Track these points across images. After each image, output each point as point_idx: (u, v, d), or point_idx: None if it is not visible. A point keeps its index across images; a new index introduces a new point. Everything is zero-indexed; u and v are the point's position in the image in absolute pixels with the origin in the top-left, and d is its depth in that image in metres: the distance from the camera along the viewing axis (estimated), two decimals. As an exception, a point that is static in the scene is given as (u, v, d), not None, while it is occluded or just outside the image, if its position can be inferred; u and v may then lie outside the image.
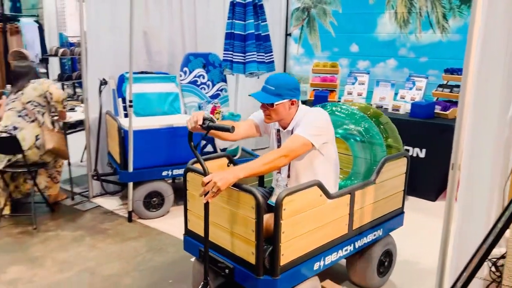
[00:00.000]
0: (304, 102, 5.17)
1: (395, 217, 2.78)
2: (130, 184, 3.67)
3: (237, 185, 2.05)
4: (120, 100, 3.97)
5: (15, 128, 3.58)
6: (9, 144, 3.53)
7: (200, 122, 2.13)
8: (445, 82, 4.63)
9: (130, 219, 3.73)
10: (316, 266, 2.27)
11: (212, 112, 4.04)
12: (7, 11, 6.43)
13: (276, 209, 1.99)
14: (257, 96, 2.24)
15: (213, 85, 4.49)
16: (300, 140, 2.18)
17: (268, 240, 2.05)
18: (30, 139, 3.59)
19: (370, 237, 2.59)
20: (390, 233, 2.81)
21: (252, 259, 2.05)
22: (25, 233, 3.50)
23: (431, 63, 4.95)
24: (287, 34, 6.10)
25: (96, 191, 4.19)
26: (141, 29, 4.34)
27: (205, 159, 2.29)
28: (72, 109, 4.40)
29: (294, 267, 2.14)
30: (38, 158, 3.66)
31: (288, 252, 2.09)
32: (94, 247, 3.30)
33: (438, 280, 2.00)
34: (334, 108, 2.85)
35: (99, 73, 3.97)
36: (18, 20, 5.17)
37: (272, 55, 4.36)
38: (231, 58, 4.22)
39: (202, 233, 2.21)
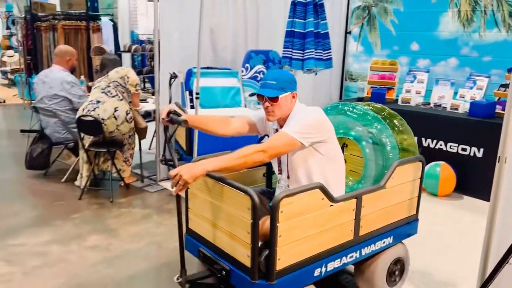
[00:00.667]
0: (361, 99, 5.32)
1: (407, 224, 2.61)
2: (194, 170, 4.00)
3: (234, 185, 2.00)
4: (187, 92, 4.33)
5: (98, 102, 4.05)
6: (93, 126, 4.02)
7: (163, 116, 2.20)
8: (508, 82, 4.55)
9: (192, 202, 4.07)
10: (317, 273, 2.15)
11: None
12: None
13: (272, 211, 1.91)
14: (263, 91, 2.17)
15: (273, 81, 4.73)
16: (283, 137, 2.09)
17: (267, 243, 1.97)
18: (109, 110, 4.05)
19: (378, 245, 2.45)
20: (403, 241, 2.65)
21: (247, 262, 1.97)
22: (102, 207, 3.93)
23: (494, 63, 4.85)
24: (347, 32, 6.19)
25: (162, 175, 4.58)
26: (208, 27, 4.66)
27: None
28: (144, 100, 4.82)
29: (292, 273, 2.04)
30: (115, 128, 4.09)
31: (285, 257, 1.99)
32: (161, 224, 3.66)
33: (481, 270, 2.09)
34: (346, 108, 2.76)
35: (169, 67, 4.34)
36: (100, 19, 5.71)
37: (330, 52, 4.51)
38: (290, 55, 4.43)
39: (202, 233, 2.23)
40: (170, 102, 4.42)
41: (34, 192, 4.25)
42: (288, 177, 2.29)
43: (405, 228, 2.61)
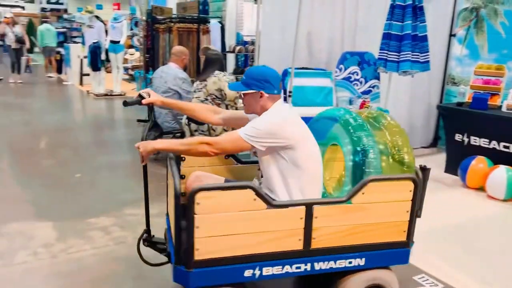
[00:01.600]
0: (461, 104, 5.13)
1: (392, 250, 2.30)
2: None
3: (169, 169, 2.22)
4: (282, 91, 4.61)
5: None
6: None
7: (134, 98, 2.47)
8: None
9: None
10: (248, 273, 2.09)
11: (361, 106, 4.37)
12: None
13: (189, 201, 1.92)
14: (231, 84, 2.30)
15: (366, 82, 4.81)
16: (233, 135, 2.11)
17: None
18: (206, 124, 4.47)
19: (341, 263, 2.22)
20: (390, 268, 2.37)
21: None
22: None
23: None
24: (451, 35, 5.97)
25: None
26: (305, 29, 4.90)
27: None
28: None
29: (215, 266, 2.03)
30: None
31: (205, 249, 1.99)
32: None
33: None
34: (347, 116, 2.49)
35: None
36: (209, 22, 6.28)
37: (428, 55, 4.46)
38: (385, 57, 4.48)
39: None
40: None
41: (152, 174, 4.85)
42: (262, 176, 2.31)
43: (387, 253, 2.30)
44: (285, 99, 4.55)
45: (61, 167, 4.97)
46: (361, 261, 2.25)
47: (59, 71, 12.83)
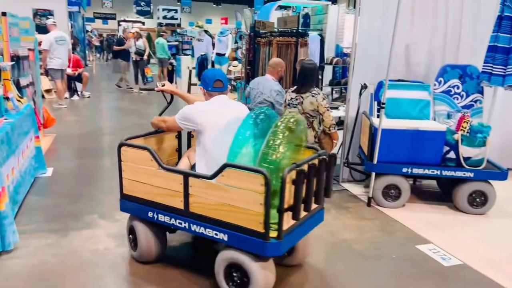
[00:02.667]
0: None
1: (252, 238, 2.46)
2: (373, 174, 4.30)
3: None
4: (375, 102, 4.64)
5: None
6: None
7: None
8: None
9: (369, 204, 4.36)
10: (150, 214, 2.87)
11: (460, 121, 4.21)
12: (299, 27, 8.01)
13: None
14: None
15: (467, 96, 4.63)
16: (173, 118, 2.98)
17: None
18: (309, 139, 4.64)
19: (209, 232, 2.63)
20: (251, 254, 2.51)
21: None
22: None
23: None
24: None
25: (345, 177, 5.01)
26: (404, 42, 4.87)
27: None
28: (335, 108, 5.33)
29: (133, 202, 2.94)
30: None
31: (128, 186, 2.95)
32: (337, 218, 4.08)
33: None
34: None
35: (362, 78, 4.73)
36: (308, 35, 6.50)
37: (539, 69, 4.16)
38: (490, 70, 4.28)
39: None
40: (358, 110, 4.78)
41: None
42: None
43: (246, 239, 2.49)
44: (378, 111, 4.57)
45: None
46: (224, 237, 2.58)
47: (170, 80, 14.03)
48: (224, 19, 27.72)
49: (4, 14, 4.91)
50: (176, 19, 29.46)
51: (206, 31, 10.56)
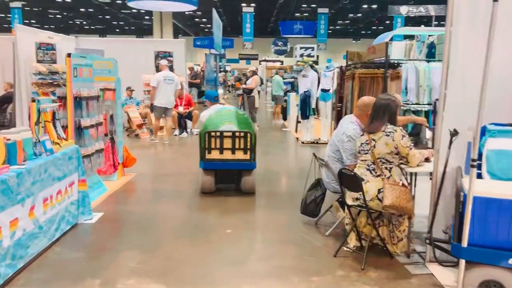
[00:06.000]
0: None
1: None
2: (462, 262, 2.92)
3: None
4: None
5: (362, 180, 3.66)
6: (352, 181, 3.70)
7: None
8: None
9: (458, 306, 2.97)
10: None
11: None
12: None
13: None
14: None
15: None
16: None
17: None
18: (372, 191, 3.62)
19: None
20: None
21: None
22: (346, 276, 3.44)
23: None
24: None
25: (432, 256, 3.62)
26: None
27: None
28: (427, 160, 3.99)
29: None
30: (382, 209, 3.59)
31: None
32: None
33: None
34: None
35: (456, 122, 3.41)
36: (400, 65, 5.23)
37: None
38: None
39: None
40: (446, 164, 3.43)
41: (295, 240, 4.21)
42: None
43: None
44: (479, 168, 3.19)
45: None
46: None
47: (284, 117, 13.56)
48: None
49: (69, 55, 4.94)
50: (313, 56, 29.52)
51: (312, 66, 9.83)
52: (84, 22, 37.75)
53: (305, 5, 30.63)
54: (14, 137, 3.53)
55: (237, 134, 5.35)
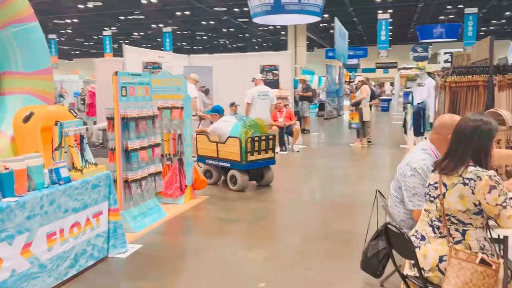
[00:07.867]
0: None
1: None
2: None
3: None
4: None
5: (422, 238, 2.48)
6: (402, 243, 2.52)
7: None
8: None
9: None
10: None
11: None
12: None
13: None
14: None
15: None
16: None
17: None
18: (432, 258, 2.43)
19: None
20: None
21: None
22: None
23: None
24: None
25: None
26: None
27: None
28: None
29: None
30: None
31: None
32: None
33: None
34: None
35: None
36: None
37: None
38: None
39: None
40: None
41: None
42: None
43: None
44: None
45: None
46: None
47: (405, 131, 11.85)
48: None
49: (116, 73, 4.67)
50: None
51: (429, 74, 8.18)
52: (227, 41, 40.01)
53: (449, 7, 27.29)
54: (16, 166, 3.26)
55: (267, 137, 6.64)
